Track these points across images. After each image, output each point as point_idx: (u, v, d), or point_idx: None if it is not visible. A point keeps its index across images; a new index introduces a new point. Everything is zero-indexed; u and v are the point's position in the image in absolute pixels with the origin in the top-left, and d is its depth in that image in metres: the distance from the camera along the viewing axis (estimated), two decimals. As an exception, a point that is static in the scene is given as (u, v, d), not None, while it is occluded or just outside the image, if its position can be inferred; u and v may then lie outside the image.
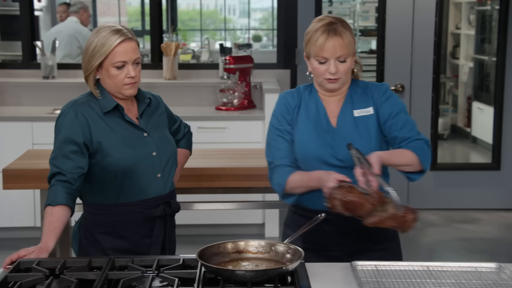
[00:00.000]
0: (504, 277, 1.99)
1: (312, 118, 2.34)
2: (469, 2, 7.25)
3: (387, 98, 2.34)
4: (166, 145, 2.40)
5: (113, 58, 2.23)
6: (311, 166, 2.30)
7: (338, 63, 2.24)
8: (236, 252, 2.10)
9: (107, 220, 2.33)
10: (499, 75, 5.66)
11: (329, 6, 8.90)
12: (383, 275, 2.00)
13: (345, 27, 2.26)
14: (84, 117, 2.27)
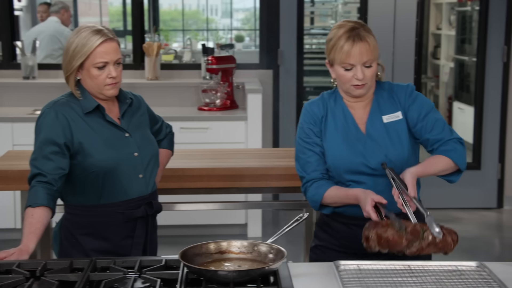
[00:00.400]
0: (485, 275, 2.01)
1: (340, 127, 2.31)
2: (450, 2, 7.30)
3: (413, 100, 2.31)
4: (148, 146, 2.39)
5: (94, 59, 2.22)
6: (343, 176, 2.28)
7: (365, 69, 2.21)
8: (219, 252, 2.09)
9: (88, 221, 2.31)
10: (479, 76, 5.71)
11: (311, 6, 8.92)
12: (365, 275, 2.01)
13: (367, 31, 2.23)
14: (65, 118, 2.25)
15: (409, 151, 2.30)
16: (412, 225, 2.02)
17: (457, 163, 2.23)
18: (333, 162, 2.30)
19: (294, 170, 3.27)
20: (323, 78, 8.70)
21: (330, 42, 2.25)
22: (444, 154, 2.23)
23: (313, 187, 2.31)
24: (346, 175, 2.29)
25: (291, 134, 5.70)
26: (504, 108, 5.69)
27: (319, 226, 2.46)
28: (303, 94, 5.78)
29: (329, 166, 2.31)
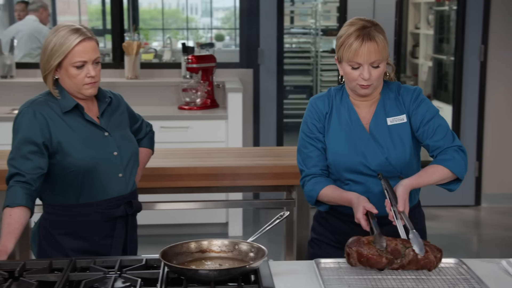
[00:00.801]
0: (463, 272, 2.02)
1: (344, 124, 2.29)
2: (428, 2, 7.35)
3: (419, 104, 2.29)
4: (128, 145, 2.37)
5: (73, 58, 2.20)
6: (342, 174, 2.28)
7: (372, 69, 2.19)
8: (200, 251, 2.09)
9: (67, 221, 2.29)
10: (457, 74, 5.76)
11: (291, 5, 8.93)
12: (345, 272, 2.01)
13: (378, 31, 2.19)
14: (43, 117, 2.22)
15: (411, 155, 2.29)
16: (394, 244, 1.98)
17: (455, 172, 2.20)
18: (333, 159, 2.29)
19: (275, 169, 3.31)
20: (303, 77, 8.73)
21: (340, 39, 2.22)
22: (441, 163, 2.21)
23: (311, 182, 2.31)
24: (345, 174, 2.28)
25: (272, 133, 5.71)
26: (481, 107, 5.74)
27: (317, 220, 2.46)
28: (283, 93, 5.78)
29: (329, 163, 2.30)
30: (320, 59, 8.53)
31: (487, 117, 5.76)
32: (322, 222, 2.43)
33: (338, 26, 5.94)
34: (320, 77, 8.49)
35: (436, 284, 1.93)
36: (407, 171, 2.28)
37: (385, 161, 2.25)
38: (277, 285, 1.91)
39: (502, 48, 5.67)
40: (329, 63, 8.50)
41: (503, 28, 5.66)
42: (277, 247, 4.52)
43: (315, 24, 8.64)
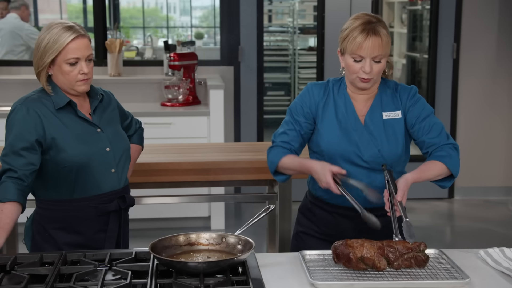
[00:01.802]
0: (443, 262, 2.05)
1: (340, 114, 2.29)
2: (401, 2, 7.40)
3: (415, 102, 2.31)
4: (119, 141, 2.36)
5: (66, 55, 2.18)
6: (336, 163, 2.25)
7: (373, 63, 2.19)
8: (188, 244, 2.09)
9: (61, 216, 2.27)
10: (431, 72, 5.81)
11: (269, 4, 8.92)
12: (330, 263, 2.03)
13: (383, 27, 2.20)
14: (37, 114, 2.20)
15: (402, 150, 2.30)
16: (371, 256, 1.96)
17: (451, 169, 2.22)
18: (327, 146, 2.29)
19: (257, 163, 3.31)
20: (281, 75, 8.74)
21: (344, 32, 2.23)
22: (439, 159, 2.22)
23: (274, 150, 2.31)
24: (338, 162, 2.26)
25: (252, 128, 5.71)
26: (454, 103, 5.80)
27: (301, 212, 2.47)
28: (263, 90, 5.79)
29: (323, 150, 2.30)
30: (298, 56, 8.55)
31: (460, 113, 5.83)
32: (307, 214, 2.43)
33: (315, 25, 5.95)
34: (298, 74, 8.51)
35: (418, 274, 1.95)
36: (397, 165, 2.30)
37: (378, 153, 2.26)
38: (264, 277, 1.91)
39: (473, 46, 5.73)
40: (307, 60, 8.52)
41: (475, 27, 5.72)
42: (260, 240, 4.53)
43: (292, 23, 8.65)
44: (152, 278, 1.86)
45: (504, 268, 2.00)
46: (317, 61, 5.74)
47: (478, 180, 5.85)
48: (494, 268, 2.03)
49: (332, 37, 5.64)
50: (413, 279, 1.90)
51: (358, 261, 1.96)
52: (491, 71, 5.77)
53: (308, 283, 1.89)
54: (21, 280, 1.83)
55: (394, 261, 1.96)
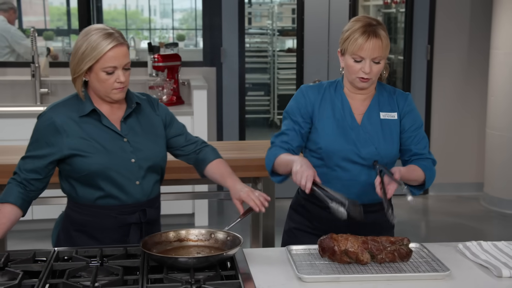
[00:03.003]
0: (424, 255, 2.07)
1: (337, 114, 2.30)
2: (376, 5, 7.44)
3: (411, 109, 2.34)
4: (149, 152, 2.20)
5: (104, 63, 2.06)
6: (334, 161, 2.27)
7: (373, 64, 2.20)
8: (178, 240, 2.08)
9: (83, 219, 2.19)
10: (406, 72, 5.86)
11: (249, 7, 8.93)
12: (315, 258, 2.04)
13: (383, 29, 2.21)
14: (55, 125, 2.12)
15: (397, 150, 2.32)
16: (355, 250, 1.98)
17: (427, 180, 2.28)
18: (325, 144, 2.28)
19: (241, 161, 3.31)
20: (261, 75, 8.74)
21: (346, 33, 2.23)
22: (422, 168, 2.27)
23: (272, 149, 2.31)
24: (336, 160, 2.28)
25: (234, 128, 5.71)
26: (428, 102, 5.86)
27: (293, 208, 2.46)
28: (245, 90, 5.79)
29: (321, 148, 2.29)
30: (277, 58, 8.56)
31: (433, 112, 5.88)
32: (299, 210, 2.43)
33: (293, 27, 5.96)
34: (277, 75, 8.53)
35: (400, 267, 1.96)
36: (391, 164, 2.31)
37: (375, 151, 2.27)
38: (252, 271, 1.92)
39: (446, 47, 5.79)
40: (285, 61, 8.53)
41: (447, 29, 5.78)
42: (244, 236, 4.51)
43: (271, 25, 8.66)
44: (143, 273, 1.85)
45: (482, 261, 2.02)
46: (297, 62, 5.75)
47: (451, 177, 5.92)
48: (472, 261, 2.05)
49: (311, 39, 5.66)
50: (396, 272, 1.92)
51: (342, 254, 1.97)
52: (463, 71, 5.83)
53: (295, 277, 1.89)
54: (15, 277, 1.80)
55: (377, 254, 1.97)
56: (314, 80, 5.68)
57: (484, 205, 5.64)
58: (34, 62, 5.13)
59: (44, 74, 5.27)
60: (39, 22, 9.73)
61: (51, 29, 9.62)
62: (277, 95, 8.56)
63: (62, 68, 5.46)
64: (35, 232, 4.83)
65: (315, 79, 5.68)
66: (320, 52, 5.67)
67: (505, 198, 5.48)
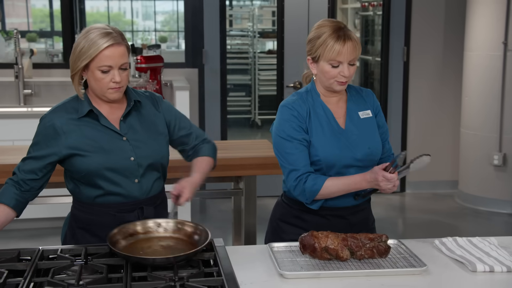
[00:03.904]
0: (402, 251, 2.08)
1: (324, 122, 2.26)
2: (354, 8, 7.48)
3: (379, 107, 2.37)
4: (148, 150, 2.17)
5: (99, 62, 2.04)
6: (334, 169, 2.23)
7: (349, 66, 2.19)
8: (146, 232, 2.06)
9: (85, 217, 2.19)
10: (384, 74, 5.89)
11: (230, 10, 8.92)
12: (296, 255, 2.04)
13: (350, 30, 2.20)
14: (54, 128, 2.11)
15: (381, 146, 2.33)
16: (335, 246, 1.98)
17: None
18: (324, 155, 2.22)
19: (224, 161, 3.30)
20: (242, 76, 8.75)
21: (317, 40, 2.19)
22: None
23: (311, 178, 2.20)
24: (336, 168, 2.24)
25: (216, 128, 5.71)
26: (405, 102, 5.90)
27: (285, 221, 2.35)
28: (227, 91, 5.79)
29: (320, 160, 2.23)
30: (258, 59, 8.57)
31: (410, 112, 5.93)
32: (294, 221, 2.34)
33: (274, 29, 5.97)
34: (258, 76, 8.53)
35: (379, 263, 1.98)
36: (377, 162, 2.31)
37: (368, 151, 2.26)
38: (235, 268, 1.91)
39: (422, 49, 5.84)
40: (266, 63, 8.54)
41: (423, 32, 5.82)
42: (226, 234, 4.53)
43: (252, 27, 8.67)
44: (127, 271, 1.84)
45: (457, 256, 2.04)
46: (277, 63, 5.76)
47: (427, 175, 5.97)
48: (448, 256, 2.07)
49: (291, 41, 5.67)
50: (375, 268, 1.93)
51: (323, 251, 1.98)
52: (438, 72, 5.88)
53: (277, 274, 1.89)
54: (0, 276, 1.78)
55: (357, 251, 1.98)
56: (294, 82, 5.69)
57: (459, 202, 5.70)
58: (18, 64, 5.08)
59: (27, 75, 5.22)
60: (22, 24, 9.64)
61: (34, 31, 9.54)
62: (258, 96, 8.56)
63: (45, 70, 5.42)
64: (20, 231, 4.79)
65: (295, 81, 5.69)
66: (299, 54, 5.68)
67: (478, 195, 5.54)
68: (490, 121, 5.39)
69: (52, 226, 4.76)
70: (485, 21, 5.33)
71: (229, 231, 4.24)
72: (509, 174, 5.39)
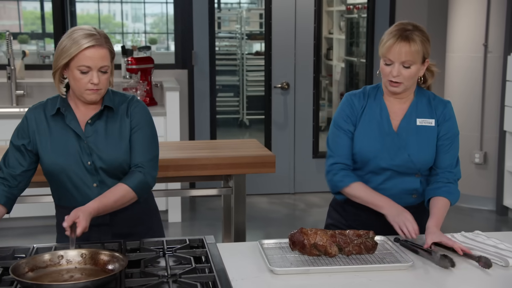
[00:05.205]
0: (388, 247, 2.09)
1: (375, 121, 2.23)
2: (339, 10, 7.50)
3: (450, 118, 2.26)
4: (106, 156, 2.11)
5: (78, 62, 2.02)
6: (368, 167, 2.22)
7: (402, 68, 2.13)
8: (55, 264, 1.80)
9: (58, 218, 2.21)
10: (368, 75, 5.91)
11: (218, 12, 8.91)
12: (286, 251, 2.04)
13: (419, 35, 2.14)
14: (28, 121, 2.13)
15: (433, 157, 2.24)
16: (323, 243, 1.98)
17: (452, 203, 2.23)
18: (360, 150, 2.22)
19: (214, 160, 3.31)
20: (230, 77, 8.74)
21: (382, 36, 2.19)
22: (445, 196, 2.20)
23: (341, 173, 2.23)
24: (369, 165, 2.23)
25: (205, 128, 5.70)
26: (389, 103, 5.92)
27: (332, 206, 2.42)
28: (216, 92, 5.78)
29: (355, 153, 2.24)
30: (246, 60, 8.56)
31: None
32: (337, 208, 2.39)
33: (261, 31, 5.97)
34: (246, 77, 8.53)
35: (367, 259, 1.98)
36: (426, 170, 2.26)
37: (407, 158, 2.21)
38: (226, 265, 1.91)
39: (406, 51, 5.86)
40: (254, 64, 8.54)
41: (407, 34, 5.84)
42: (216, 232, 4.53)
43: (240, 29, 8.66)
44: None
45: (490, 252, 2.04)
46: (265, 64, 5.76)
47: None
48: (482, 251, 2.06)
49: (278, 42, 5.67)
50: (363, 264, 1.94)
51: (312, 247, 1.98)
52: (421, 74, 5.91)
53: (267, 270, 1.90)
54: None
55: (345, 247, 1.99)
56: (281, 82, 5.70)
57: (442, 199, 5.72)
58: (10, 65, 5.05)
59: (19, 77, 5.19)
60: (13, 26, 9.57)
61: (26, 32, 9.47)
62: (246, 97, 8.56)
63: (37, 71, 5.39)
64: (13, 230, 4.76)
65: (282, 81, 5.70)
66: (287, 55, 5.68)
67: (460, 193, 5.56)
68: (472, 121, 5.43)
69: (44, 224, 4.73)
70: (467, 23, 5.37)
71: (219, 229, 4.24)
72: (490, 172, 5.43)
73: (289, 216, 5.27)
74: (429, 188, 2.25)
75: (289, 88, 5.71)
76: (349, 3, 7.18)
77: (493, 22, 5.24)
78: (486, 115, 5.37)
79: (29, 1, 9.87)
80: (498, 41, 5.22)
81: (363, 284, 1.81)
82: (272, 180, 5.65)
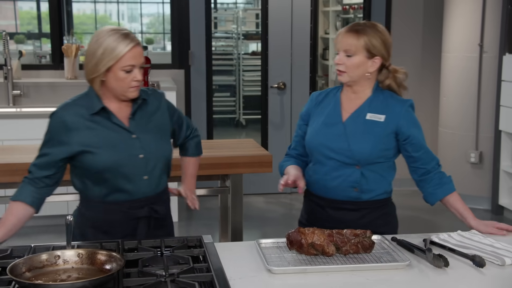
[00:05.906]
0: (385, 246, 2.09)
1: (326, 112, 2.30)
2: (335, 10, 7.51)
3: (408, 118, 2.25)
4: (157, 148, 2.19)
5: (124, 62, 2.05)
6: (315, 156, 2.31)
7: (344, 57, 2.18)
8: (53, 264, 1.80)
9: (94, 215, 2.18)
10: (364, 74, 5.91)
11: (215, 12, 8.91)
12: (283, 251, 2.04)
13: (370, 32, 2.17)
14: (64, 124, 2.10)
15: (375, 152, 2.25)
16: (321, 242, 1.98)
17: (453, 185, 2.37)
18: (308, 140, 2.34)
19: (211, 159, 3.30)
20: (227, 77, 8.74)
21: None
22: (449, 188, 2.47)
23: (283, 159, 2.45)
24: (316, 155, 2.31)
25: (202, 127, 5.70)
26: (385, 103, 5.93)
27: (303, 204, 2.52)
28: (212, 92, 5.78)
29: (306, 143, 2.36)
30: (242, 60, 8.57)
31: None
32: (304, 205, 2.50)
33: (257, 31, 5.97)
34: (242, 77, 8.53)
35: (364, 258, 1.98)
36: (366, 163, 2.27)
37: (347, 147, 2.25)
38: (223, 264, 1.91)
39: (401, 51, 5.87)
40: (250, 64, 8.54)
41: (402, 34, 5.86)
42: (213, 232, 4.52)
43: (236, 29, 8.66)
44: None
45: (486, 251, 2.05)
46: (262, 64, 5.76)
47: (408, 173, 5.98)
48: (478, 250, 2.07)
49: (275, 42, 5.67)
50: (360, 263, 1.94)
51: (309, 246, 1.98)
52: (417, 73, 5.92)
53: (264, 269, 1.89)
54: (-8, 274, 1.77)
55: (342, 247, 1.99)
56: (278, 82, 5.70)
57: (438, 198, 5.74)
58: (7, 65, 5.04)
59: (16, 77, 5.18)
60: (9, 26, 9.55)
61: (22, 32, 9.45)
62: (242, 96, 8.57)
63: (34, 71, 5.38)
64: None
65: (279, 81, 5.70)
66: (283, 55, 5.69)
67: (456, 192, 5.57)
68: (467, 121, 5.44)
69: (42, 224, 4.72)
70: (462, 24, 5.38)
71: (216, 229, 4.23)
72: (485, 171, 5.45)
73: (286, 216, 5.27)
74: (429, 188, 2.43)
75: (286, 88, 5.71)
76: (345, 4, 7.19)
77: (488, 22, 5.25)
78: (481, 115, 5.38)
79: (26, 1, 9.85)
80: (494, 41, 5.24)
81: (361, 283, 1.81)
82: (269, 180, 5.65)
